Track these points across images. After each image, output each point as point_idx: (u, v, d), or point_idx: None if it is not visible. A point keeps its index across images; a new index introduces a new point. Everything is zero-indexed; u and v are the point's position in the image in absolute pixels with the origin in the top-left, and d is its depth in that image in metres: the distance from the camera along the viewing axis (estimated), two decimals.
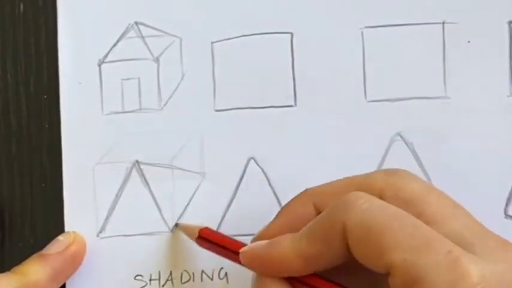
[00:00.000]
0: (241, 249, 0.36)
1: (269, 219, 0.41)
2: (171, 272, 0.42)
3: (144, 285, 0.42)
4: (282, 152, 0.42)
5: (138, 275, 0.42)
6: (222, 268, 0.42)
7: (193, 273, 0.42)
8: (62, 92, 0.42)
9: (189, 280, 0.42)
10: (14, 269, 0.40)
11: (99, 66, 0.42)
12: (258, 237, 0.37)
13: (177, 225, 0.42)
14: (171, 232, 0.42)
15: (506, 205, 0.41)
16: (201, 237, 0.39)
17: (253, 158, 0.42)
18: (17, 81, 0.43)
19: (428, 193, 0.34)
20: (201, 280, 0.42)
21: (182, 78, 0.42)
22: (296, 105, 0.42)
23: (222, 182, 0.42)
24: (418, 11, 0.42)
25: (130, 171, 0.42)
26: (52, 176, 0.42)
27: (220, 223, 0.42)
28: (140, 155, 0.42)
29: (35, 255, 0.40)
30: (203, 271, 0.42)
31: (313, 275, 0.34)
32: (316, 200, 0.36)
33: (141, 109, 0.42)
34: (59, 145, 0.42)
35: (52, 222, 0.42)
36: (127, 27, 0.42)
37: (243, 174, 0.42)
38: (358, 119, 0.42)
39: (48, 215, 0.42)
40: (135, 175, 0.42)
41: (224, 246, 0.38)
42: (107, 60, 0.42)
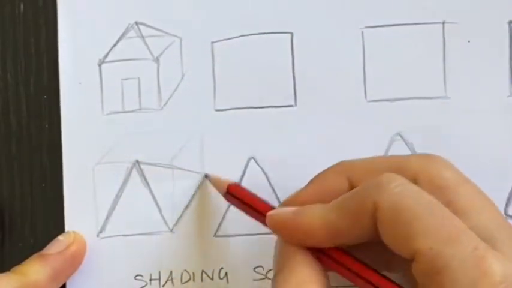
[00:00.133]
0: (269, 213, 0.36)
1: None
2: (171, 272, 0.42)
3: (144, 285, 0.42)
4: (282, 152, 0.42)
5: (138, 275, 0.42)
6: (222, 268, 0.42)
7: (194, 273, 0.42)
8: (62, 92, 0.42)
9: (189, 280, 0.42)
10: (14, 269, 0.40)
11: (99, 66, 0.42)
12: (286, 203, 0.37)
13: (206, 176, 0.41)
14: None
15: (506, 205, 0.41)
16: (230, 193, 0.39)
17: (253, 158, 0.42)
18: (17, 81, 0.43)
19: (461, 183, 0.34)
20: (201, 280, 0.42)
21: (182, 78, 0.42)
22: (296, 105, 0.42)
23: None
24: (418, 11, 0.42)
25: (131, 171, 0.42)
26: (52, 176, 0.42)
27: (220, 223, 0.42)
28: (140, 155, 0.42)
29: (35, 255, 0.40)
30: (203, 271, 0.42)
31: (338, 249, 0.34)
32: (350, 174, 0.36)
33: (141, 109, 0.42)
34: (59, 145, 0.42)
35: (52, 222, 0.42)
36: (127, 27, 0.42)
37: (243, 174, 0.42)
38: (358, 119, 0.42)
39: (48, 215, 0.42)
40: (135, 175, 0.42)
41: (251, 205, 0.38)
42: (107, 60, 0.42)
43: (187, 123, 0.42)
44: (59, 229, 0.42)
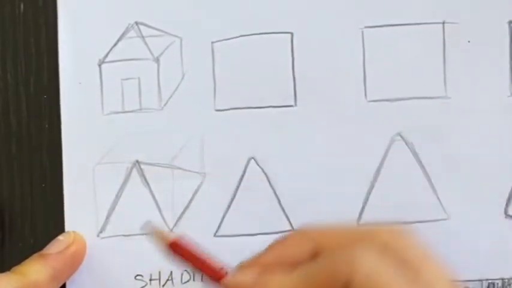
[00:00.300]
0: (226, 280, 0.34)
1: (269, 219, 0.42)
2: (171, 272, 0.42)
3: (144, 285, 0.42)
4: (282, 152, 0.42)
5: (138, 275, 0.42)
6: (221, 268, 0.42)
7: (194, 273, 0.42)
8: (62, 92, 0.42)
9: (189, 280, 0.42)
10: (14, 269, 0.40)
11: (99, 66, 0.42)
12: (245, 265, 0.35)
13: (146, 224, 0.38)
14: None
15: (506, 205, 0.41)
16: (173, 248, 0.36)
17: (253, 158, 0.42)
18: (17, 81, 0.43)
19: (426, 259, 0.34)
20: (201, 280, 0.42)
21: (182, 78, 0.42)
22: (296, 105, 0.42)
23: (222, 182, 0.42)
24: (418, 11, 0.42)
25: (131, 171, 0.42)
26: (52, 176, 0.42)
27: (220, 223, 0.42)
28: (140, 155, 0.42)
29: (35, 255, 0.40)
30: None
31: None
32: (316, 241, 0.34)
33: (141, 109, 0.42)
34: (59, 145, 0.42)
35: (52, 222, 0.42)
36: (127, 27, 0.42)
37: (243, 174, 0.42)
38: (358, 119, 0.42)
39: (48, 215, 0.42)
40: (135, 175, 0.42)
41: (203, 266, 0.35)
42: (107, 60, 0.42)
43: (187, 123, 0.42)
44: (59, 229, 0.42)
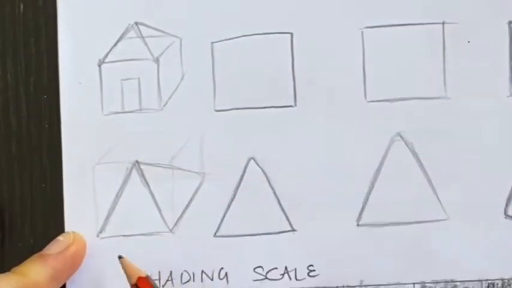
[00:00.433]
0: None
1: (269, 219, 0.42)
2: (171, 272, 0.42)
3: None
4: (282, 152, 0.42)
5: None
6: (222, 268, 0.42)
7: (193, 273, 0.42)
8: (62, 92, 0.42)
9: (189, 280, 0.42)
10: (14, 269, 0.40)
11: (99, 66, 0.42)
12: None
13: (120, 257, 0.40)
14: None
15: (506, 205, 0.41)
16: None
17: (253, 158, 0.42)
18: (17, 81, 0.43)
19: None
20: (201, 280, 0.42)
21: (182, 78, 0.42)
22: (296, 105, 0.42)
23: (222, 182, 0.42)
24: (418, 11, 0.42)
25: (130, 171, 0.42)
26: (52, 176, 0.42)
27: (220, 223, 0.42)
28: (140, 155, 0.42)
29: (35, 256, 0.40)
30: (203, 271, 0.42)
31: None
32: None
33: (141, 109, 0.42)
34: (59, 145, 0.42)
35: (52, 222, 0.42)
36: (127, 27, 0.42)
37: (243, 174, 0.42)
38: (358, 119, 0.42)
39: (48, 215, 0.42)
40: (135, 175, 0.42)
41: None
42: (107, 60, 0.42)
43: (187, 123, 0.42)
44: (59, 229, 0.42)
